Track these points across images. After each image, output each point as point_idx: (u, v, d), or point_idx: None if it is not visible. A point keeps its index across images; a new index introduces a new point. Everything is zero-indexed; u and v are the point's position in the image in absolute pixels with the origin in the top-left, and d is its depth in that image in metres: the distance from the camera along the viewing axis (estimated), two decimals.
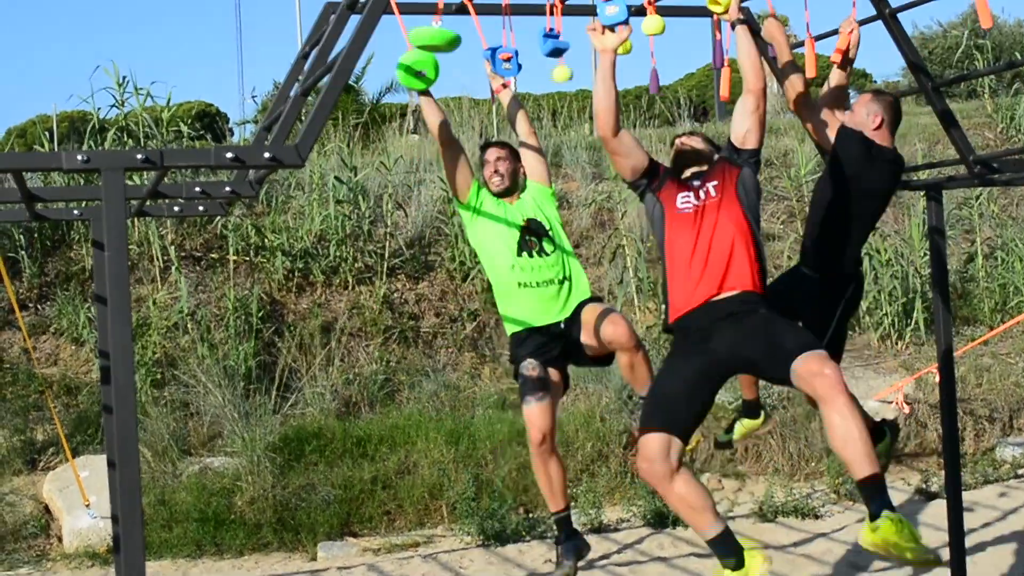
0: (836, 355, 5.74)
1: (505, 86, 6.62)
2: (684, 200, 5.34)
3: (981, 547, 8.38)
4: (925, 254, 12.70)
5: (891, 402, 10.92)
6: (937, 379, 9.16)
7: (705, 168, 5.48)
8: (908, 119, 17.01)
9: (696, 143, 5.63)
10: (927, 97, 6.23)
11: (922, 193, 11.93)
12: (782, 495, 9.62)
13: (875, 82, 28.58)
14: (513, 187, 6.72)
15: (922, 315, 12.46)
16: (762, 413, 6.62)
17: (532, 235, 6.62)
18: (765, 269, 5.43)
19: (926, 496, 9.95)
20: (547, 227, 6.66)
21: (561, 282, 6.58)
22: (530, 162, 6.80)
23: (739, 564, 5.06)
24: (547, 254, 6.58)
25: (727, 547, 5.09)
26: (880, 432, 6.24)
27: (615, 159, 5.55)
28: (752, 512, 9.46)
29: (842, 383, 4.66)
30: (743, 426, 6.69)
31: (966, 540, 7.04)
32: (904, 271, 12.72)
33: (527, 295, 6.54)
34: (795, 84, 5.95)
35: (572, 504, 9.53)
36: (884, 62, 78.22)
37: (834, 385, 4.66)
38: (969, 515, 7.37)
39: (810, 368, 4.75)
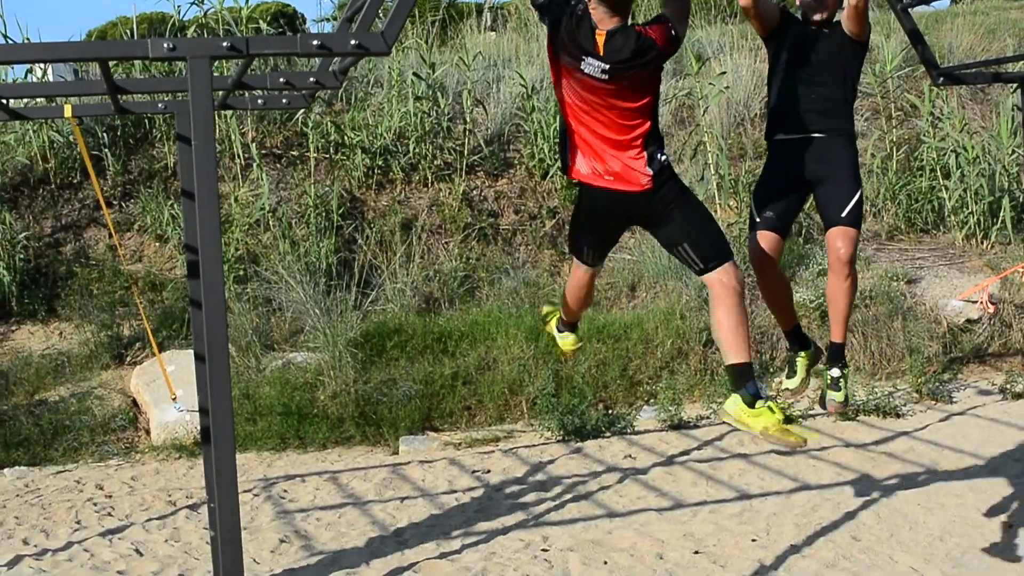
0: None
1: None
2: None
3: None
4: (1013, 152, 12.41)
5: (975, 302, 10.77)
6: (1023, 278, 9.02)
7: None
8: (998, 14, 16.57)
9: None
10: None
11: (1012, 88, 11.70)
12: (863, 394, 9.56)
13: None
14: None
15: (1009, 214, 12.19)
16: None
17: None
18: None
19: (1011, 396, 9.85)
20: None
21: None
22: None
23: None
24: None
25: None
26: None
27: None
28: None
29: None
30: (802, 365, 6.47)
31: None
32: (991, 169, 12.42)
33: None
34: None
35: (652, 400, 9.58)
36: None
37: None
38: None
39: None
